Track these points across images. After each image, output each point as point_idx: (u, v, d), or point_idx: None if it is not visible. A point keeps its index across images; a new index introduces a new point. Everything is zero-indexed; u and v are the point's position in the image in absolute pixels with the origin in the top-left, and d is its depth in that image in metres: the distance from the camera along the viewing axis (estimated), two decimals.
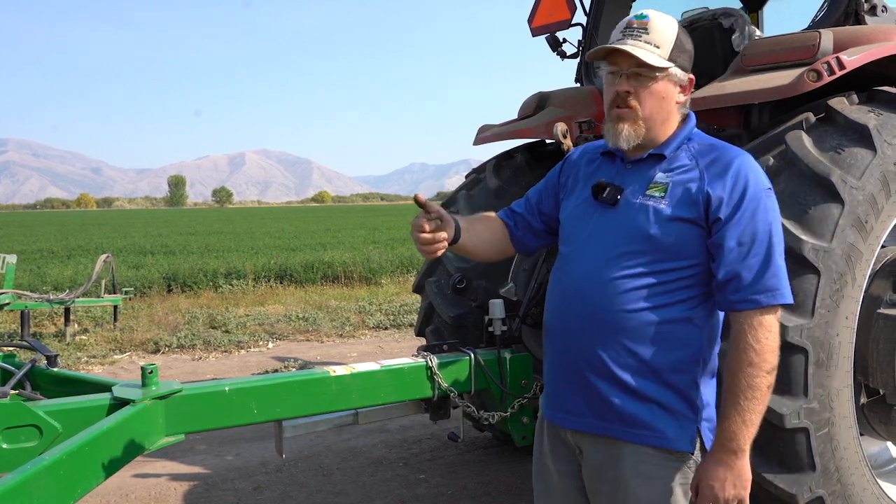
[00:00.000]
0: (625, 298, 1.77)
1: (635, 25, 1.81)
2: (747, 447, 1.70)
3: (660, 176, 1.82)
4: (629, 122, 1.82)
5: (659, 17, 1.82)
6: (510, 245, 2.16)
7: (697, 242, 1.77)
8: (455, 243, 1.97)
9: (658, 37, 1.79)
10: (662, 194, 1.79)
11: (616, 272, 1.79)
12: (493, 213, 2.19)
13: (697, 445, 1.82)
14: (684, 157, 1.84)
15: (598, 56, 1.86)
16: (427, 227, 1.86)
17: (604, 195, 1.86)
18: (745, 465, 1.70)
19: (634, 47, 1.77)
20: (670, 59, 1.80)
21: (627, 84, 1.80)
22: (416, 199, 1.89)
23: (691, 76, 1.88)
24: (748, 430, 1.69)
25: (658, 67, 1.78)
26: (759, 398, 1.69)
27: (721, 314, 1.86)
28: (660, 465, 1.79)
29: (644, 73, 1.79)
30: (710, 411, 1.84)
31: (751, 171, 1.78)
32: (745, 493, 1.70)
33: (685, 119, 1.90)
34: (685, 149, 1.85)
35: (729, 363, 1.73)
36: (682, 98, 1.87)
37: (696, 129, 1.91)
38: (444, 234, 1.89)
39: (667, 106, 1.84)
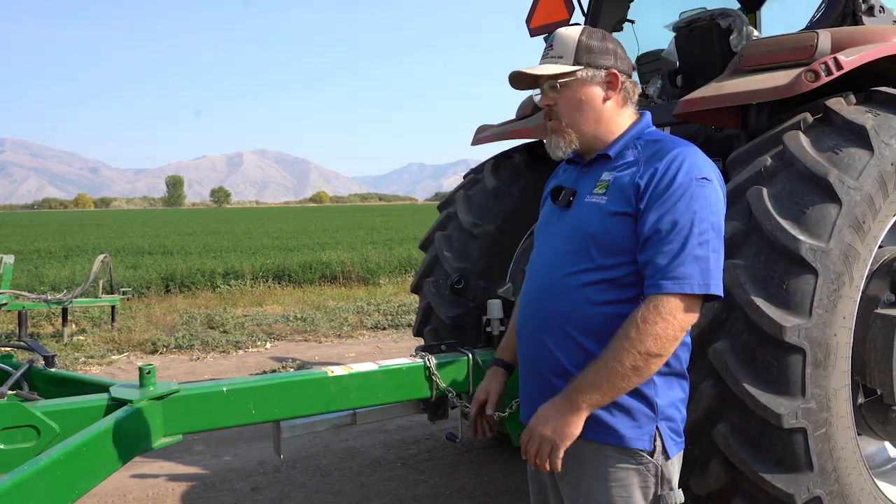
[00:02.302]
0: (575, 296, 1.80)
1: (546, 47, 1.93)
2: (584, 407, 1.69)
3: (605, 175, 1.87)
4: (557, 132, 1.91)
5: (562, 31, 1.92)
6: None
7: (635, 236, 1.77)
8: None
9: (559, 49, 1.88)
10: (604, 191, 1.84)
11: (565, 270, 1.83)
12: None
13: (658, 445, 1.79)
14: (630, 154, 1.86)
15: (515, 84, 1.97)
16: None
17: (559, 199, 1.94)
18: (573, 419, 1.68)
19: (532, 68, 1.89)
20: (576, 63, 1.86)
21: (546, 98, 1.91)
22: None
23: (612, 70, 1.88)
24: (593, 392, 1.67)
25: (555, 75, 1.87)
26: (619, 372, 1.66)
27: None
28: (619, 466, 1.78)
29: (552, 83, 1.89)
30: (671, 411, 1.82)
31: (687, 159, 1.76)
32: (560, 441, 1.69)
33: (639, 118, 1.94)
34: (633, 146, 1.87)
35: (616, 333, 1.71)
36: (611, 94, 1.89)
37: (650, 129, 1.93)
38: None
39: (589, 107, 1.88)
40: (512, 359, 2.20)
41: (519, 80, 1.95)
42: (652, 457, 1.79)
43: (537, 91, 1.98)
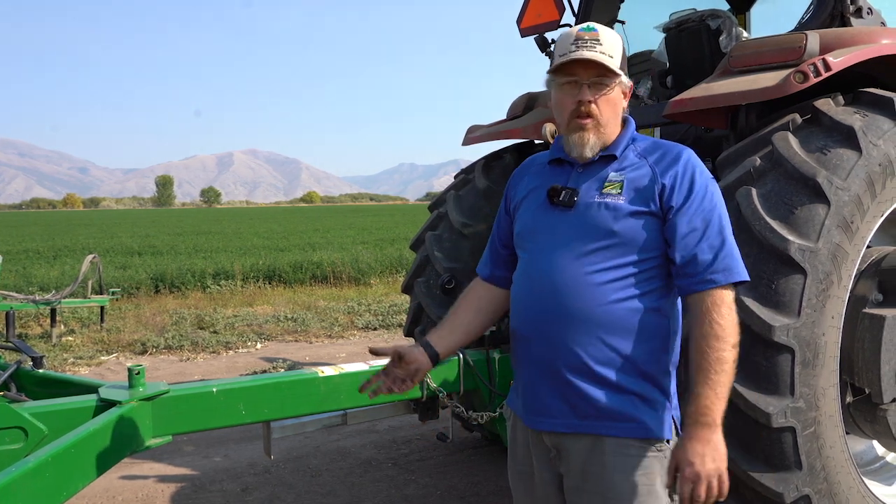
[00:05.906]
0: (597, 293, 1.82)
1: (587, 37, 1.86)
2: (720, 421, 1.73)
3: (613, 175, 1.90)
4: (593, 131, 1.89)
5: (606, 30, 1.90)
6: (504, 296, 2.13)
7: (657, 234, 1.84)
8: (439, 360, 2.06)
9: (610, 48, 1.86)
10: (619, 191, 1.86)
11: (585, 269, 1.83)
12: (472, 289, 2.19)
13: (673, 433, 1.86)
14: (632, 155, 1.92)
15: (561, 67, 1.88)
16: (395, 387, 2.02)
17: (560, 198, 1.92)
18: (720, 439, 1.73)
19: (601, 56, 1.83)
20: (621, 68, 1.88)
21: (590, 93, 1.86)
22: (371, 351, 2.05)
23: (631, 83, 1.97)
24: (720, 403, 1.73)
25: (617, 74, 1.86)
26: (728, 371, 1.74)
27: (680, 304, 1.92)
28: (642, 456, 1.83)
29: (604, 81, 1.86)
30: (675, 400, 1.91)
31: (696, 162, 1.89)
32: (723, 467, 1.72)
33: (625, 122, 1.99)
34: (631, 148, 1.94)
35: (697, 341, 1.77)
36: (625, 104, 1.96)
37: (635, 131, 2.00)
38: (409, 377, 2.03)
39: (618, 111, 1.93)
40: (443, 351, 2.08)
41: (574, 65, 1.85)
42: (669, 444, 1.85)
43: (569, 79, 1.87)
